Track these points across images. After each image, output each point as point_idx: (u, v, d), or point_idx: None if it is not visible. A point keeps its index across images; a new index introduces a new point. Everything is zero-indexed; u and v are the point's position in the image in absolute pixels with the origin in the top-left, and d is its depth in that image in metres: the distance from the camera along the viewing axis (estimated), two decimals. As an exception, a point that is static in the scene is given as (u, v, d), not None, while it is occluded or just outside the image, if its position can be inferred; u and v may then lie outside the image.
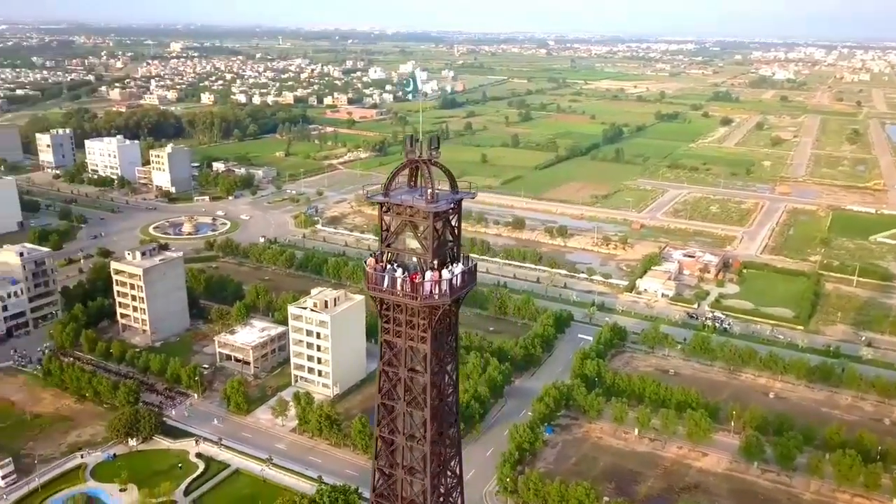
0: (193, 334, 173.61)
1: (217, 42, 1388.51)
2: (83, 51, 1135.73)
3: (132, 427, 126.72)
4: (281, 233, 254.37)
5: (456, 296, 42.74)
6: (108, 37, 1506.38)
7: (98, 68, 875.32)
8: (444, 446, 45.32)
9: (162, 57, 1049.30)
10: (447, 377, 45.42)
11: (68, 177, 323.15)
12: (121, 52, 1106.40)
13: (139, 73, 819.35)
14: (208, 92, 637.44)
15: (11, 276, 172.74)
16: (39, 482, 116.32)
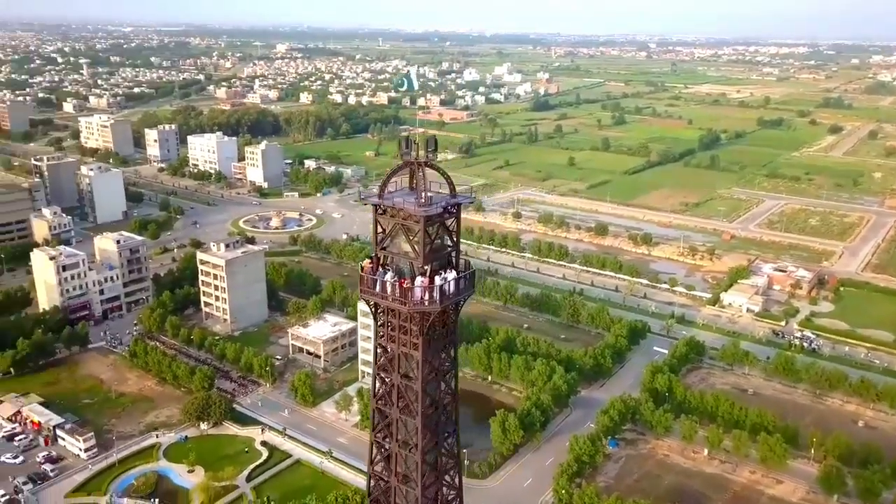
0: (271, 325, 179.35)
1: (321, 43, 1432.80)
2: (197, 51, 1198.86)
3: (204, 411, 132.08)
4: (364, 231, 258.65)
5: (448, 303, 41.72)
6: (221, 38, 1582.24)
7: (208, 68, 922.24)
8: (441, 456, 44.38)
9: (268, 58, 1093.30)
10: (444, 385, 44.39)
11: (171, 170, 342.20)
12: (230, 52, 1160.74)
13: (245, 73, 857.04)
14: (307, 92, 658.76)
15: (109, 262, 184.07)
16: (117, 457, 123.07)
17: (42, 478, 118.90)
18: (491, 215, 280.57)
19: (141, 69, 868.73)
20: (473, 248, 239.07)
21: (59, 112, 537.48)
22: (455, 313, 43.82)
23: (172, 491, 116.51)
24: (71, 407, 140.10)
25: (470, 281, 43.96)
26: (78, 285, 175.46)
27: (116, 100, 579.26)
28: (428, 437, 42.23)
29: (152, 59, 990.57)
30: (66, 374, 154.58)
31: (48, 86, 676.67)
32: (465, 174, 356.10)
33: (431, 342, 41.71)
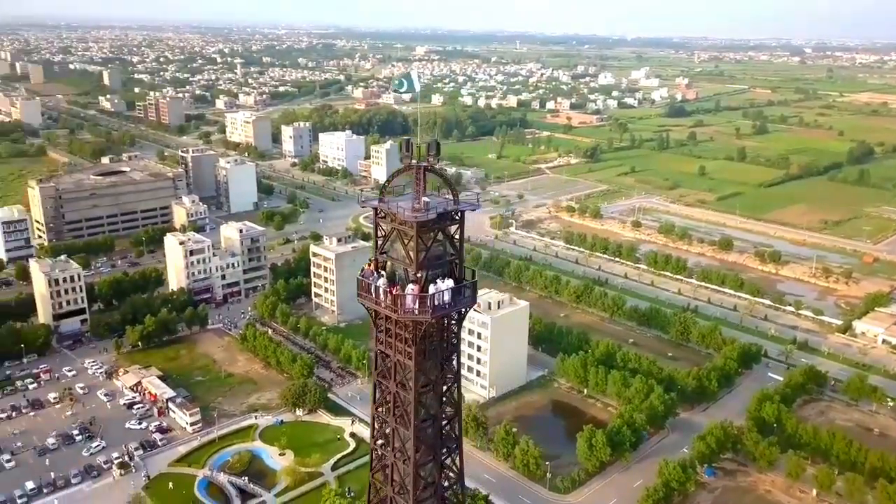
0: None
1: (459, 46, 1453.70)
2: (341, 53, 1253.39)
3: (300, 398, 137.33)
4: (476, 232, 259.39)
5: (441, 314, 40.20)
6: (365, 40, 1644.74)
7: (349, 69, 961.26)
8: (443, 471, 42.90)
9: (406, 59, 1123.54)
10: (441, 398, 42.86)
11: (302, 165, 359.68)
12: (372, 54, 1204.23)
13: (383, 73, 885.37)
14: (439, 94, 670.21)
15: (232, 249, 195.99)
16: (217, 434, 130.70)
17: (152, 445, 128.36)
18: (608, 223, 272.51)
19: (288, 69, 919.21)
20: (585, 255, 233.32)
21: (212, 108, 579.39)
22: (457, 324, 42.46)
23: (263, 471, 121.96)
24: (184, 382, 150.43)
25: (471, 292, 42.39)
26: (202, 269, 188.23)
27: (262, 97, 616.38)
28: (423, 451, 41.10)
29: (299, 60, 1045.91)
30: (185, 352, 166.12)
31: (205, 83, 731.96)
32: (587, 179, 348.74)
33: (427, 352, 40.61)
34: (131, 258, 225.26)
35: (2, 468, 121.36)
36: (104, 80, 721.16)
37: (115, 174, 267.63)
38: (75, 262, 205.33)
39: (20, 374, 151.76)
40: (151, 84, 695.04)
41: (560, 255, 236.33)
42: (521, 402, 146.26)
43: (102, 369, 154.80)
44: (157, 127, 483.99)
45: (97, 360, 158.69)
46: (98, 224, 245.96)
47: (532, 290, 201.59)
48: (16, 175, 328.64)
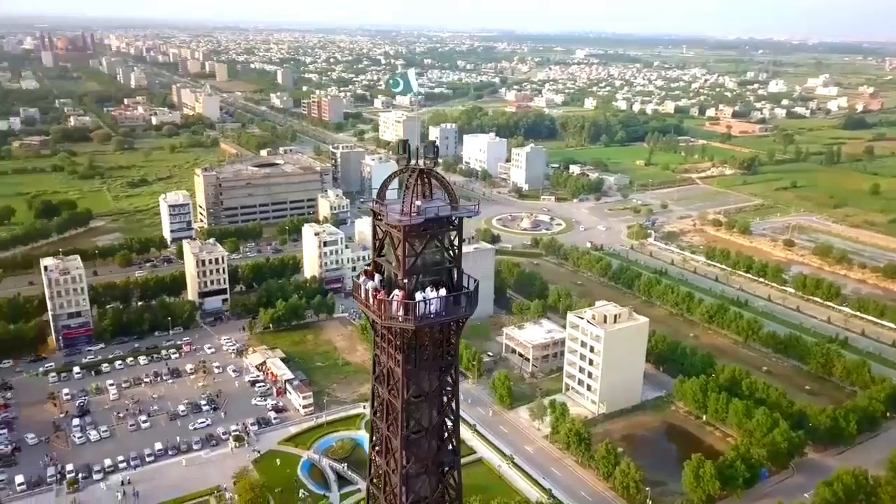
0: (494, 322, 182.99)
1: (621, 50, 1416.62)
2: (500, 56, 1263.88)
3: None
4: (611, 241, 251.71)
5: (428, 323, 38.24)
6: (526, 44, 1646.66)
7: (506, 71, 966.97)
8: (436, 486, 41.01)
9: (564, 63, 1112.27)
10: (436, 412, 40.84)
11: (445, 166, 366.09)
12: (531, 57, 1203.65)
13: (538, 77, 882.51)
14: (593, 97, 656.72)
15: (365, 243, 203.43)
16: (326, 419, 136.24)
17: (266, 423, 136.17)
18: (758, 240, 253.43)
19: (446, 71, 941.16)
20: (726, 273, 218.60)
21: (370, 107, 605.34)
22: (455, 335, 40.53)
23: (363, 460, 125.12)
24: (305, 366, 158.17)
25: (468, 302, 40.35)
26: (335, 260, 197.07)
27: (417, 98, 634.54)
28: (412, 463, 39.71)
29: (458, 62, 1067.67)
30: (310, 337, 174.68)
31: (367, 83, 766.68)
32: (740, 192, 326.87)
33: (419, 361, 39.12)
34: (276, 245, 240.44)
35: (138, 427, 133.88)
36: (278, 78, 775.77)
37: (270, 166, 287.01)
38: (227, 245, 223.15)
39: (166, 345, 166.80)
40: (318, 83, 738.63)
41: (699, 271, 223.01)
42: (633, 421, 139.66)
43: (235, 347, 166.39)
44: (317, 123, 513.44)
45: (232, 338, 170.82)
46: (251, 211, 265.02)
47: (662, 305, 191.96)
48: (191, 163, 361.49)
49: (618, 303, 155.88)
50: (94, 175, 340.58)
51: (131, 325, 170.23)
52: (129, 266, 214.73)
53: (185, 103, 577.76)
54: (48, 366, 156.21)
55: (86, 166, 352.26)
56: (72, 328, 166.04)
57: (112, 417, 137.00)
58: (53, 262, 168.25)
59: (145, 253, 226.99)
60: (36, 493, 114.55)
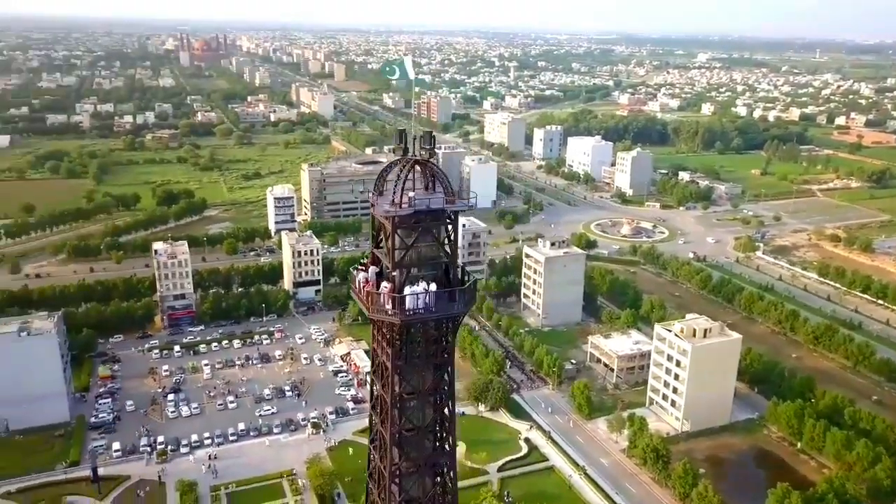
0: (581, 329, 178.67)
1: (747, 54, 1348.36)
2: (617, 59, 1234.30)
3: (484, 393, 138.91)
4: (715, 252, 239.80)
5: (414, 318, 36.58)
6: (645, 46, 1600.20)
7: (621, 75, 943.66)
8: (430, 486, 39.43)
9: (684, 66, 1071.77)
10: (431, 411, 39.22)
11: (547, 168, 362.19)
12: (649, 60, 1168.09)
13: (655, 80, 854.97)
14: (711, 102, 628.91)
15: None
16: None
17: (344, 412, 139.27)
18: (882, 259, 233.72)
19: (559, 73, 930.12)
20: (840, 293, 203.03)
21: (479, 109, 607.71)
22: (451, 333, 38.93)
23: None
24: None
25: (462, 299, 38.48)
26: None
27: (527, 100, 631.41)
28: (403, 461, 38.57)
29: (573, 65, 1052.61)
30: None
31: (478, 85, 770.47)
32: (866, 206, 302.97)
33: (410, 357, 37.89)
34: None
35: (226, 407, 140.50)
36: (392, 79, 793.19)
37: (372, 163, 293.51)
38: (326, 239, 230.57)
39: (259, 330, 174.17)
40: (430, 84, 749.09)
41: (809, 288, 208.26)
42: (718, 442, 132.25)
43: (323, 336, 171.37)
44: (425, 124, 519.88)
45: (321, 328, 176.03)
46: (352, 207, 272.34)
47: (763, 323, 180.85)
48: (302, 158, 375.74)
49: (716, 318, 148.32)
50: (214, 167, 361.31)
51: (230, 310, 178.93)
52: (234, 254, 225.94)
53: (302, 101, 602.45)
54: (153, 343, 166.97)
55: (207, 159, 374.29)
56: (176, 309, 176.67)
57: (203, 396, 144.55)
58: (163, 246, 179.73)
59: (250, 242, 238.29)
60: (129, 460, 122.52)
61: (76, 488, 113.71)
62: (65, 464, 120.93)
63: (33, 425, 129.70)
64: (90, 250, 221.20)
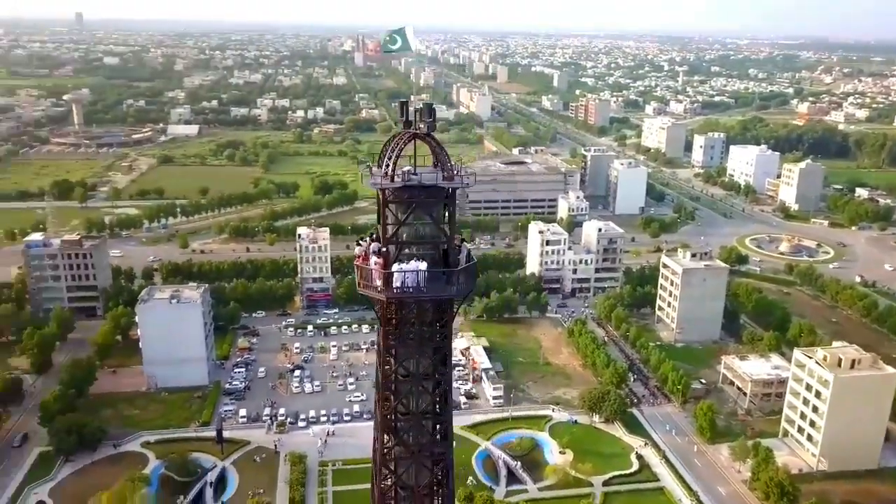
0: (717, 348, 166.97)
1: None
2: (802, 65, 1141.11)
3: (599, 403, 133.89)
4: (888, 279, 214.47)
5: (400, 296, 34.04)
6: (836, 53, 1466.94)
7: (803, 82, 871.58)
8: (421, 473, 37.05)
9: (879, 75, 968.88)
10: (426, 398, 36.58)
11: (705, 177, 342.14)
12: (838, 67, 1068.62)
13: (841, 88, 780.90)
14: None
15: (589, 247, 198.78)
16: (512, 414, 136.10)
17: (455, 406, 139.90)
18: None
19: (733, 80, 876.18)
20: None
21: (640, 113, 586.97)
22: (449, 318, 36.33)
23: (538, 461, 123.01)
24: (506, 359, 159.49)
25: (455, 282, 35.59)
26: (556, 260, 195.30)
27: (693, 106, 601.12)
28: (395, 445, 36.78)
29: (750, 71, 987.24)
30: (520, 332, 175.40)
31: (642, 89, 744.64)
32: None
33: (404, 338, 35.85)
34: (509, 240, 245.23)
35: (346, 388, 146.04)
36: (554, 81, 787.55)
37: (517, 164, 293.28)
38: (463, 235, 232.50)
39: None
40: (593, 87, 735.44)
41: None
42: (861, 487, 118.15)
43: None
44: (581, 127, 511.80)
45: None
46: (493, 206, 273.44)
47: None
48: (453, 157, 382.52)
49: (878, 350, 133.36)
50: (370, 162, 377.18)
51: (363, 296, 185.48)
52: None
53: (461, 102, 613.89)
54: (289, 321, 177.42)
55: (365, 153, 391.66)
56: (314, 291, 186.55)
57: (327, 375, 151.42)
58: (307, 231, 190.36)
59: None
60: (252, 427, 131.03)
61: (202, 446, 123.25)
62: (197, 423, 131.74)
63: (177, 385, 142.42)
64: (248, 231, 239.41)
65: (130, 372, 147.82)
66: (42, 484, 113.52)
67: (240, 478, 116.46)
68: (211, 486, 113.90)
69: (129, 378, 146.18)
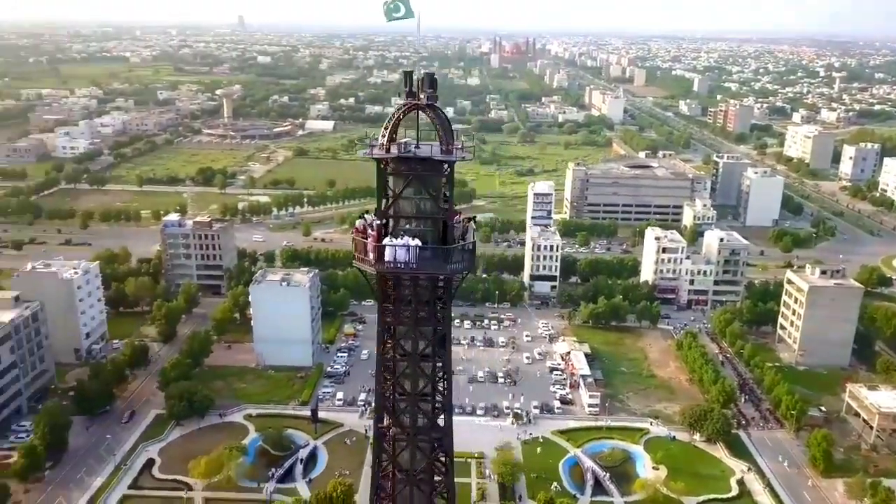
0: (846, 374, 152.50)
1: None
2: None
3: (699, 422, 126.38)
4: None
5: (390, 269, 31.69)
6: None
7: None
8: (418, 457, 34.92)
9: None
10: (422, 379, 34.39)
11: (852, 191, 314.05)
12: None
13: None
14: None
15: (709, 257, 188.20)
16: (607, 423, 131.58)
17: (549, 410, 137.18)
18: None
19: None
20: None
21: (786, 121, 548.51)
22: (446, 298, 33.86)
23: (628, 474, 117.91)
24: (608, 367, 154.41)
25: (450, 260, 32.95)
26: (672, 269, 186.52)
27: (848, 115, 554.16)
28: (391, 425, 35.19)
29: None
30: (626, 341, 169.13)
31: (791, 96, 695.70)
32: None
33: (399, 316, 33.97)
34: (627, 246, 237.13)
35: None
36: (694, 86, 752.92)
37: (642, 168, 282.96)
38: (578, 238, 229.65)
39: (490, 316, 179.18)
40: (736, 92, 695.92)
41: None
42: None
43: (550, 332, 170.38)
44: (718, 133, 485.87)
45: (550, 324, 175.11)
46: (613, 210, 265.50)
47: None
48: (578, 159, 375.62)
49: None
50: (493, 162, 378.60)
51: (467, 291, 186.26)
52: (487, 242, 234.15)
53: (593, 104, 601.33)
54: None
55: (489, 153, 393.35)
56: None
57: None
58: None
59: (505, 233, 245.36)
60: (346, 411, 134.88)
61: (297, 424, 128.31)
62: (297, 401, 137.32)
63: (283, 364, 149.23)
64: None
65: (243, 348, 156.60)
66: (154, 443, 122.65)
67: (329, 458, 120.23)
68: (301, 462, 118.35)
69: (241, 354, 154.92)
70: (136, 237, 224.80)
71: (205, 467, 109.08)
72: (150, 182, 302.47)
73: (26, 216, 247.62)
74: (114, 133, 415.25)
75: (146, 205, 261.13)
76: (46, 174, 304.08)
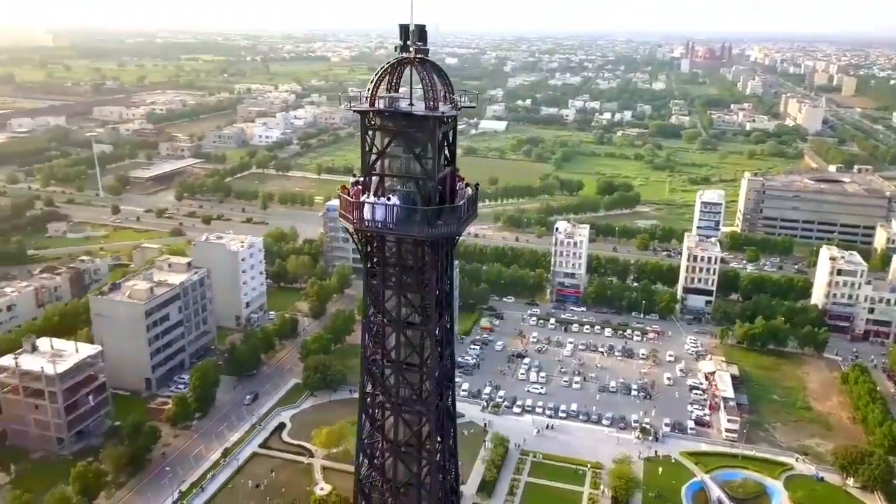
0: None
1: None
2: None
3: (855, 465, 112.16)
4: None
5: (367, 228, 28.49)
6: None
7: None
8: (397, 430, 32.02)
9: None
10: (406, 347, 31.26)
11: None
12: None
13: None
14: None
15: (894, 284, 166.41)
16: (743, 452, 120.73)
17: (682, 429, 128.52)
18: None
19: None
20: None
21: None
22: (431, 263, 30.28)
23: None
24: (758, 394, 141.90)
25: (433, 220, 29.26)
26: (847, 294, 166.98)
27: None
28: (374, 391, 32.92)
29: None
30: (783, 368, 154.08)
31: None
32: None
33: (384, 277, 31.23)
34: (802, 266, 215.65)
35: (570, 386, 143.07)
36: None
37: (829, 182, 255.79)
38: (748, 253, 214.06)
39: (635, 326, 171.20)
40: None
41: None
42: None
43: (697, 349, 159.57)
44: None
45: (698, 341, 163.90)
46: (792, 226, 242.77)
47: None
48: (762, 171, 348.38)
49: None
50: (666, 168, 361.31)
51: (612, 299, 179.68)
52: (644, 250, 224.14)
53: (788, 113, 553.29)
54: (534, 311, 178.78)
55: (663, 159, 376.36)
56: (564, 286, 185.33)
57: (555, 369, 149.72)
58: (564, 225, 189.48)
59: (666, 242, 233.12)
60: (470, 402, 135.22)
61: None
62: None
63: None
64: (520, 222, 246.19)
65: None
66: (287, 409, 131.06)
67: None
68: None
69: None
70: (306, 220, 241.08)
71: (326, 437, 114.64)
72: (329, 171, 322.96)
73: (219, 195, 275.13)
74: (304, 125, 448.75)
75: (321, 192, 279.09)
76: (241, 159, 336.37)
